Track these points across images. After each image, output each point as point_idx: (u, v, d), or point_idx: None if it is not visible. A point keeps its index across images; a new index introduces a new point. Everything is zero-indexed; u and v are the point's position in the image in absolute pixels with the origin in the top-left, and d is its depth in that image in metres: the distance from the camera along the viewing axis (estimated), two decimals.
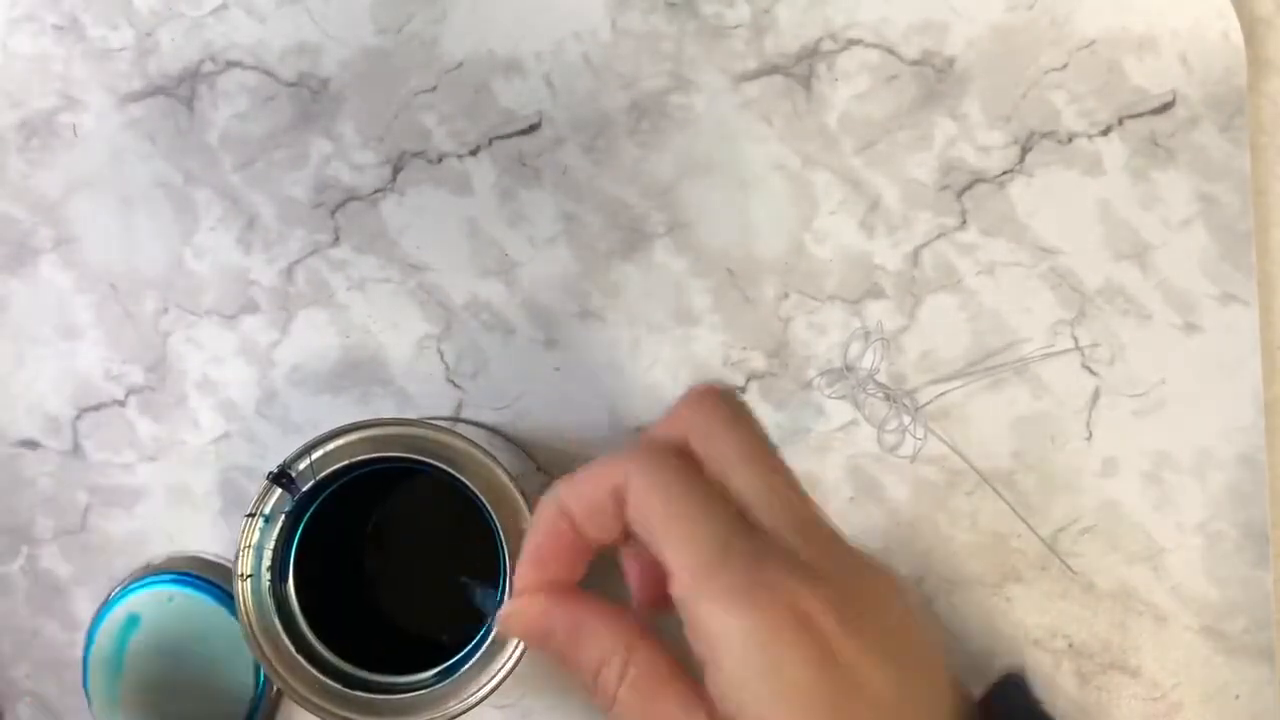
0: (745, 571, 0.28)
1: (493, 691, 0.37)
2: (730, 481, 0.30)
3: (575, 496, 0.30)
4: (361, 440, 0.37)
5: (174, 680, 0.44)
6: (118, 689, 0.44)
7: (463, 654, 0.37)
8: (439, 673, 0.37)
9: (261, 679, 0.44)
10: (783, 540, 0.29)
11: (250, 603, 0.37)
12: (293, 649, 0.37)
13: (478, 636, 0.37)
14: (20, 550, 0.47)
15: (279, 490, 0.37)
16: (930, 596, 0.45)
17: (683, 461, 0.30)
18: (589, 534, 0.30)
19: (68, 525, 0.47)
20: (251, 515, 0.37)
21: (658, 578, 0.30)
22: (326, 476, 0.37)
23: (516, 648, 0.37)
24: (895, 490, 0.46)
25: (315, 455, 0.37)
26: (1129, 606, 0.45)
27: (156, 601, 0.44)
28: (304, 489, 0.37)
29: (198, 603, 0.44)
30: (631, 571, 0.32)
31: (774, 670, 0.27)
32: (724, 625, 0.27)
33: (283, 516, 0.37)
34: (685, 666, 0.29)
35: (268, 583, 0.37)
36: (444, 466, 0.37)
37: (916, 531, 0.46)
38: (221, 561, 0.46)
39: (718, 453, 0.30)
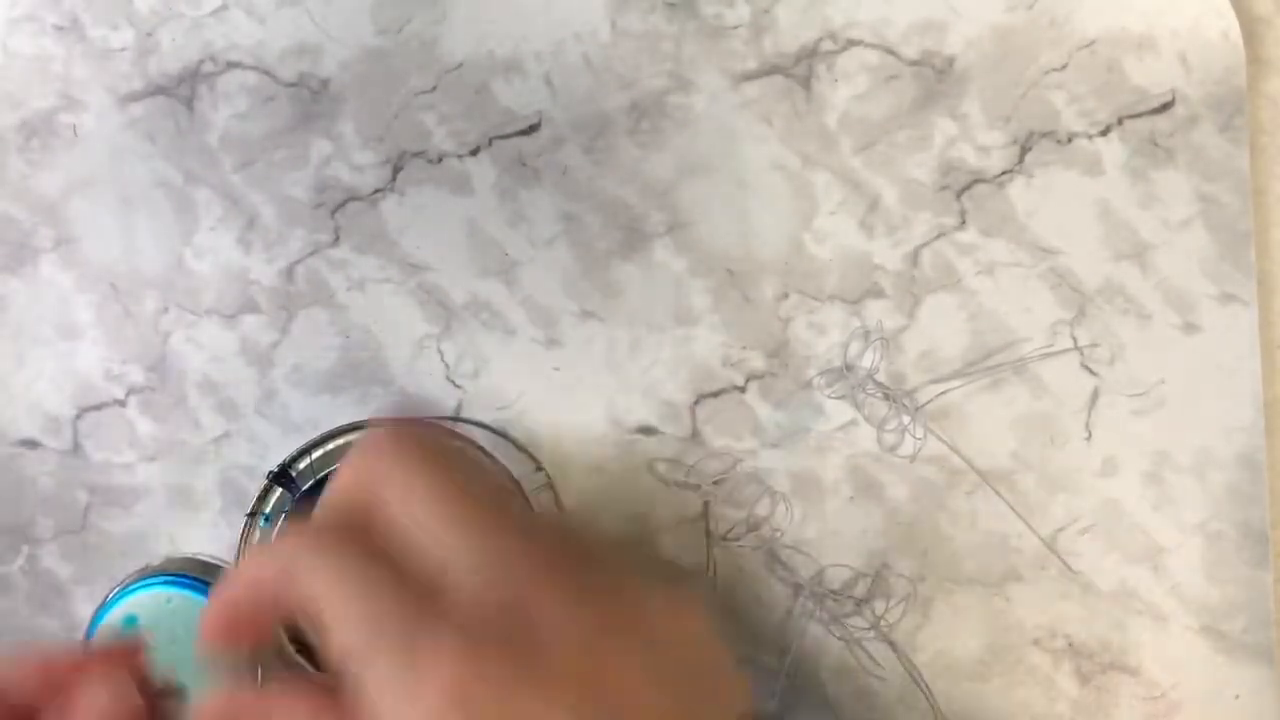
0: (400, 654, 0.25)
1: None
2: (412, 533, 0.28)
3: (239, 596, 0.28)
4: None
5: (171, 682, 0.43)
6: None
7: None
8: None
9: (260, 680, 0.44)
10: (461, 591, 0.26)
11: None
12: (292, 650, 0.37)
13: None
14: (20, 550, 0.47)
15: (279, 490, 0.37)
16: (930, 596, 0.45)
17: (344, 534, 0.28)
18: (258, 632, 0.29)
19: (68, 525, 0.47)
20: (251, 515, 0.37)
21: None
22: (326, 476, 0.37)
23: None
24: (895, 490, 0.46)
25: (315, 455, 0.37)
26: (1129, 606, 0.45)
27: (155, 603, 0.44)
28: (304, 489, 0.37)
29: (196, 604, 0.44)
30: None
31: None
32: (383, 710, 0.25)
33: (283, 516, 0.37)
34: None
35: None
36: None
37: (916, 531, 0.46)
38: (220, 563, 0.46)
39: (395, 502, 0.28)
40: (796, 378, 0.46)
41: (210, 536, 0.46)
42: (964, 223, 0.46)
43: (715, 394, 0.46)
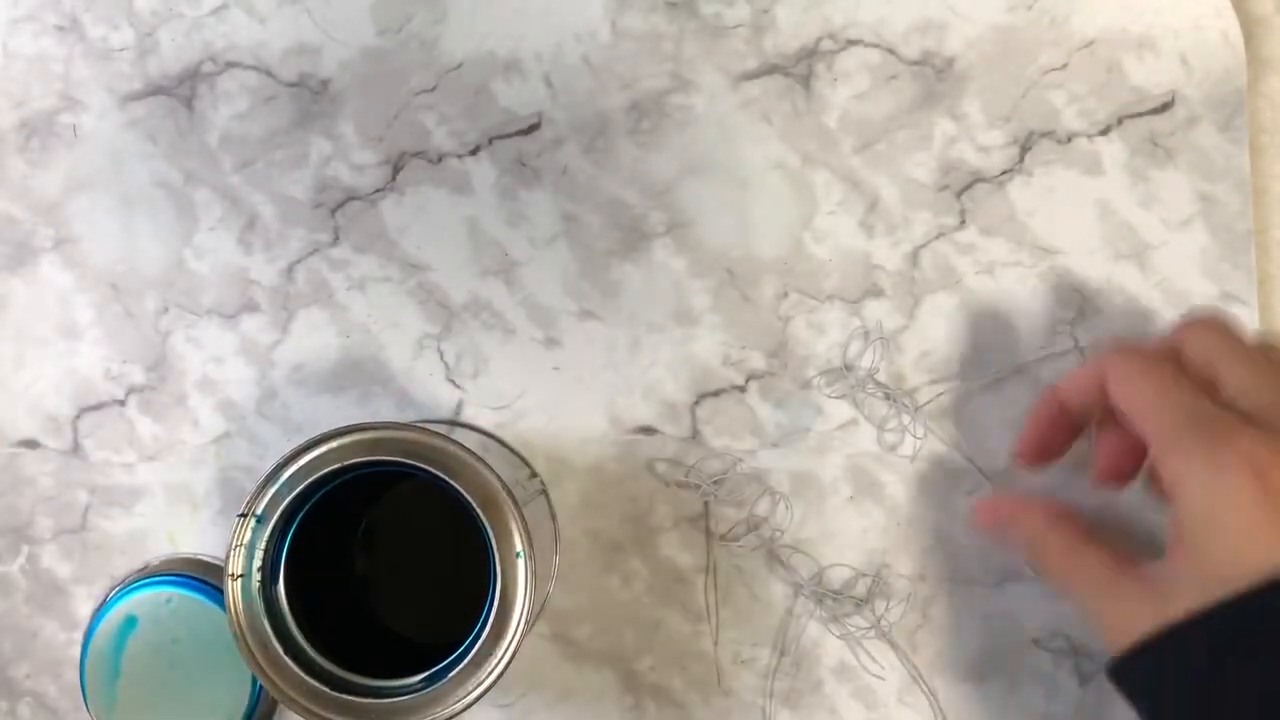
0: (1208, 431, 0.33)
1: (479, 698, 0.37)
2: (1219, 373, 0.36)
3: (1069, 387, 0.40)
4: (356, 443, 0.37)
5: (171, 681, 0.43)
6: (115, 691, 0.44)
7: (451, 659, 0.37)
8: (427, 677, 0.37)
9: (258, 680, 0.44)
10: (1257, 409, 0.34)
11: (240, 603, 0.37)
12: (280, 650, 0.37)
13: (466, 642, 0.37)
14: (21, 550, 0.47)
15: (272, 490, 0.37)
16: (930, 596, 0.45)
17: (1155, 354, 0.37)
18: (1075, 414, 0.40)
19: (68, 525, 0.47)
20: (244, 515, 0.37)
21: (1125, 449, 0.40)
22: (320, 478, 0.37)
23: (505, 653, 0.37)
24: (895, 490, 0.46)
25: (310, 456, 0.37)
26: None
27: (154, 603, 0.44)
28: (299, 489, 0.37)
29: (196, 604, 0.44)
30: (1102, 448, 0.40)
31: (1225, 510, 0.32)
32: (1186, 475, 0.33)
33: (275, 518, 0.37)
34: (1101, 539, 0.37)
35: (258, 583, 0.37)
36: (436, 471, 0.37)
37: (916, 531, 0.46)
38: (220, 563, 0.46)
39: (1206, 350, 0.36)
40: (796, 378, 0.46)
41: (210, 536, 0.46)
42: (964, 222, 0.46)
43: (715, 394, 0.46)
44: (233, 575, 0.37)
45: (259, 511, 0.37)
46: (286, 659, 0.37)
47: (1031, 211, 0.46)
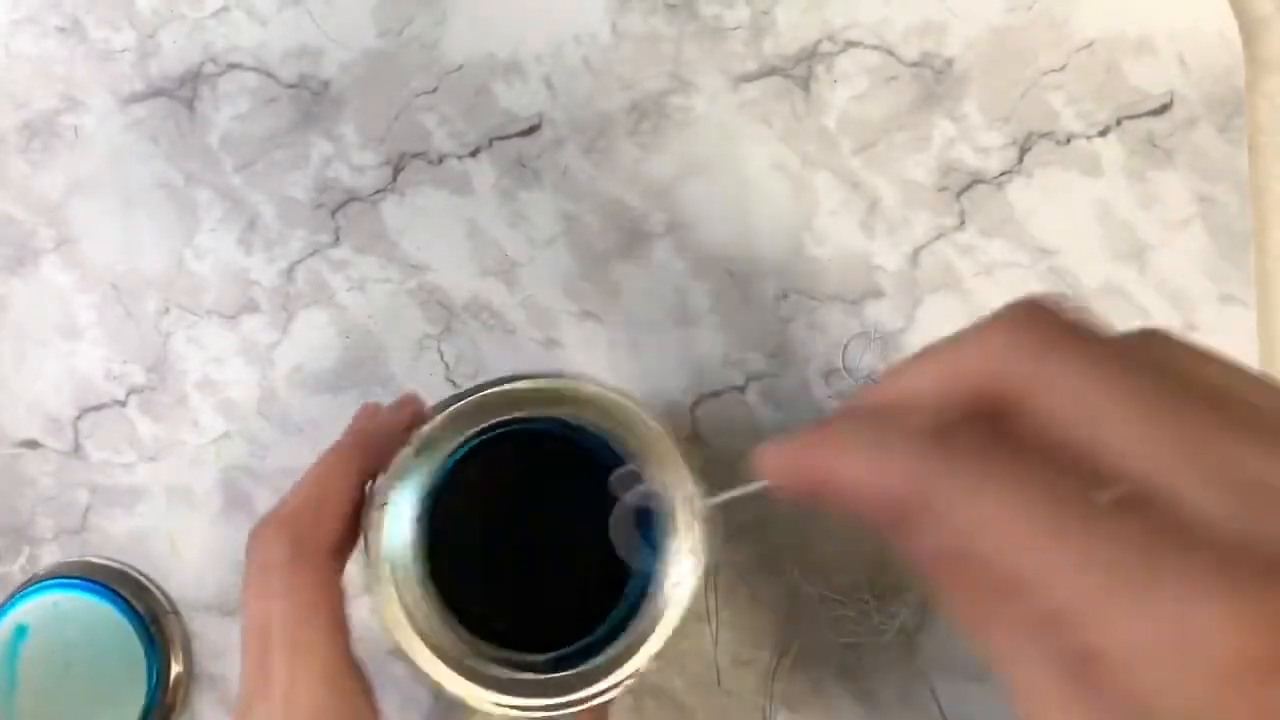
0: (1142, 599, 0.18)
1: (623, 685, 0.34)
2: (1081, 430, 0.20)
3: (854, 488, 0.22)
4: (541, 392, 0.34)
5: (69, 682, 0.44)
6: (14, 701, 0.44)
7: (596, 636, 0.34)
8: (562, 658, 0.34)
9: (156, 670, 0.44)
10: (1188, 506, 0.19)
11: (384, 539, 0.34)
12: (429, 609, 0.34)
13: (638, 592, 0.34)
14: (21, 550, 0.47)
15: (441, 415, 0.33)
16: (931, 596, 0.45)
17: (992, 449, 0.20)
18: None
19: (68, 525, 0.47)
20: (407, 445, 0.34)
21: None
22: (490, 426, 0.34)
23: (655, 638, 0.33)
24: None
25: (483, 396, 0.34)
26: None
27: (42, 608, 0.44)
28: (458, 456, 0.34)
29: (84, 603, 0.44)
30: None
31: None
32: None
33: (442, 456, 0.34)
34: None
35: (412, 520, 0.34)
36: (606, 429, 0.34)
37: None
38: (111, 564, 0.46)
39: (1055, 389, 0.20)
40: (797, 378, 0.46)
41: (210, 536, 0.46)
42: (963, 223, 0.46)
43: (715, 394, 0.46)
44: (380, 504, 0.34)
45: (420, 439, 0.34)
46: (435, 615, 0.34)
47: (1031, 212, 0.46)
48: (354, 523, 0.34)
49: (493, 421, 0.34)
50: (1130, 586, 0.18)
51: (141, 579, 0.46)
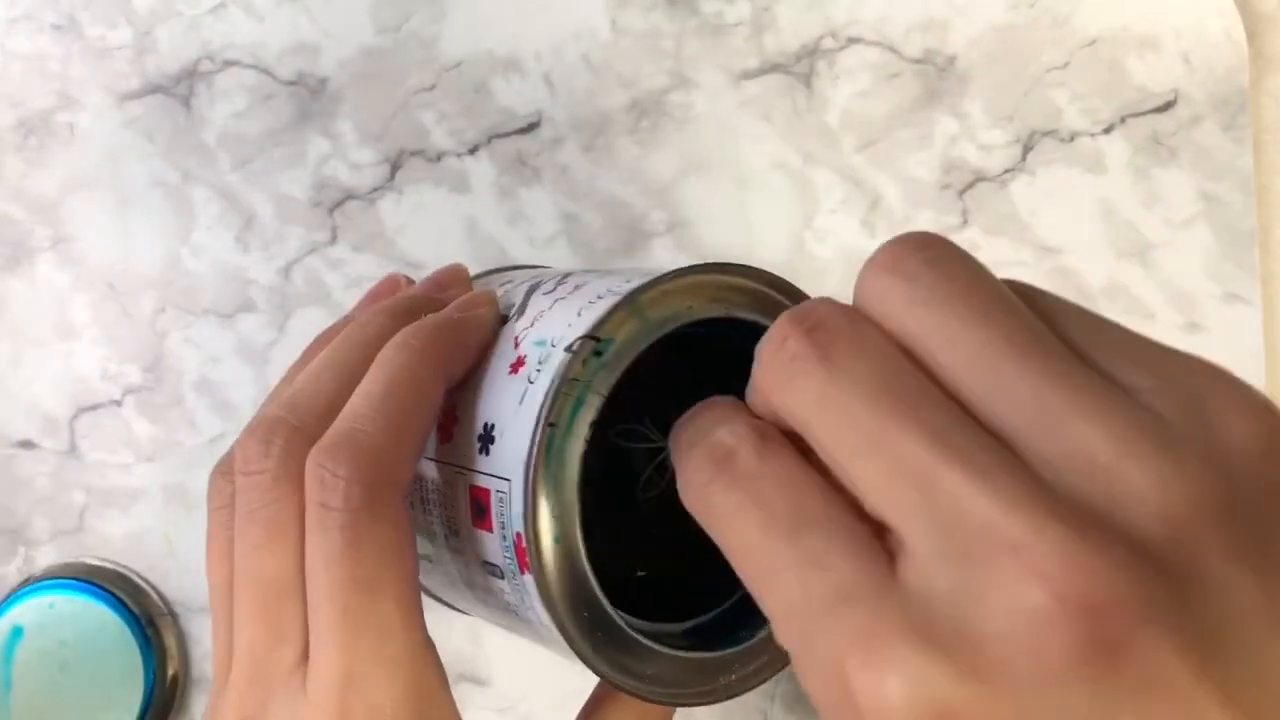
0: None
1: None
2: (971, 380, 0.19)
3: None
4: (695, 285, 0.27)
5: (64, 684, 0.43)
6: (8, 702, 0.43)
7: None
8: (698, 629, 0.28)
9: (152, 672, 0.43)
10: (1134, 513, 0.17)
11: (546, 468, 0.25)
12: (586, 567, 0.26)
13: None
14: (17, 551, 0.47)
15: (627, 318, 0.25)
16: None
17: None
18: None
19: (64, 526, 0.46)
20: (589, 337, 0.25)
21: None
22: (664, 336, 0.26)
23: None
24: None
25: (682, 282, 0.26)
26: None
27: (37, 610, 0.44)
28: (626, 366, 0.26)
29: (79, 604, 0.44)
30: None
31: None
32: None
33: (625, 360, 0.25)
34: None
35: (583, 447, 0.25)
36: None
37: None
38: (107, 565, 0.46)
39: (949, 359, 0.19)
40: None
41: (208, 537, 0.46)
42: (966, 222, 0.45)
43: None
44: (548, 422, 0.25)
45: (606, 337, 0.25)
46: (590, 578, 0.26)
47: (1034, 211, 0.45)
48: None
49: (692, 320, 0.26)
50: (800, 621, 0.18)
51: (138, 580, 0.46)
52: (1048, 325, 0.20)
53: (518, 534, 0.25)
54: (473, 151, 0.46)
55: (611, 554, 0.27)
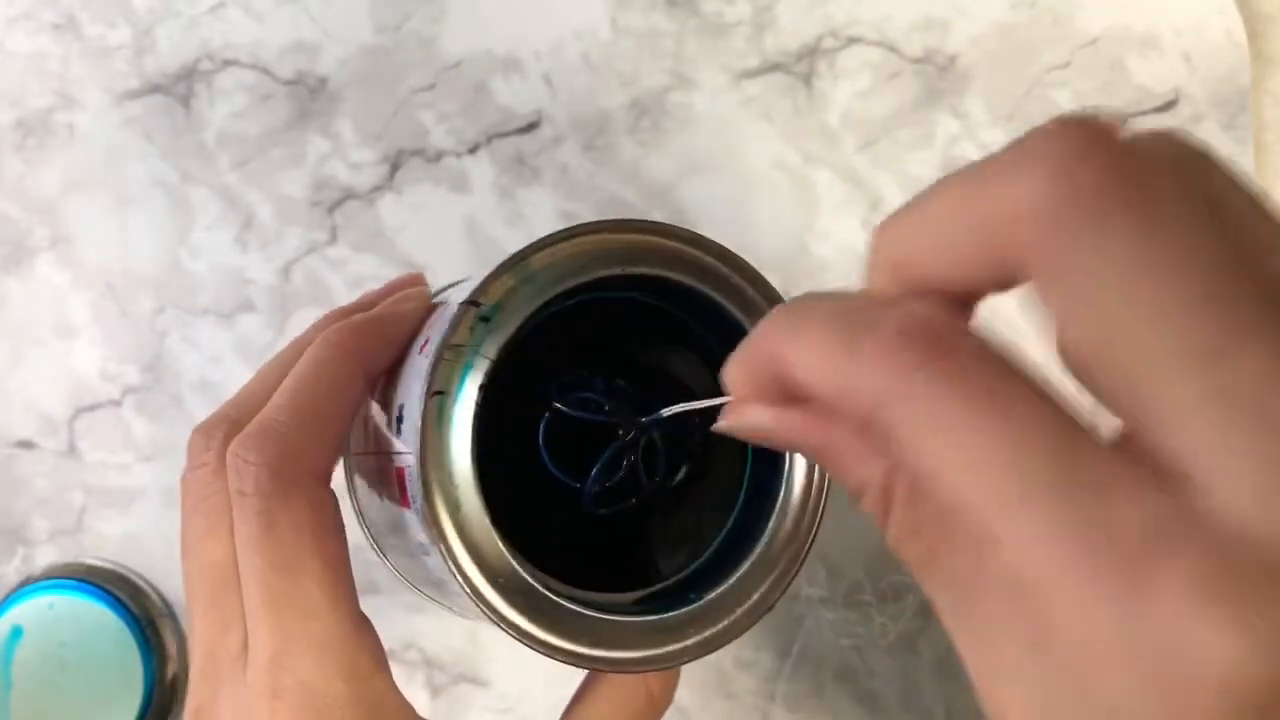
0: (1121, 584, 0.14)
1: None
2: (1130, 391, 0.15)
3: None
4: (638, 245, 0.26)
5: (64, 684, 0.43)
6: (8, 704, 0.43)
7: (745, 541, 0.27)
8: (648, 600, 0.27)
9: (151, 673, 0.43)
10: (1232, 516, 0.14)
11: (435, 434, 0.25)
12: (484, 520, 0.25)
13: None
14: (16, 551, 0.47)
15: (510, 283, 0.25)
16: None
17: (975, 373, 0.16)
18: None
19: (63, 526, 0.46)
20: (470, 303, 0.25)
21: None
22: (582, 285, 0.26)
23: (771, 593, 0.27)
24: None
25: (569, 245, 0.25)
26: None
27: (37, 610, 0.44)
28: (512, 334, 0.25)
29: (80, 605, 0.44)
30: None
31: None
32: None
33: (512, 324, 0.25)
34: None
35: (473, 410, 0.25)
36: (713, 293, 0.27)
37: None
38: (106, 566, 0.46)
39: (1094, 335, 0.16)
40: None
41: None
42: None
43: None
44: (433, 391, 0.25)
45: (489, 303, 0.25)
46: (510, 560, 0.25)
47: None
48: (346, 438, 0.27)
49: (585, 279, 0.26)
50: (1113, 572, 0.14)
51: (137, 581, 0.46)
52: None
53: (422, 506, 0.25)
54: (472, 151, 0.46)
55: (534, 517, 0.27)
